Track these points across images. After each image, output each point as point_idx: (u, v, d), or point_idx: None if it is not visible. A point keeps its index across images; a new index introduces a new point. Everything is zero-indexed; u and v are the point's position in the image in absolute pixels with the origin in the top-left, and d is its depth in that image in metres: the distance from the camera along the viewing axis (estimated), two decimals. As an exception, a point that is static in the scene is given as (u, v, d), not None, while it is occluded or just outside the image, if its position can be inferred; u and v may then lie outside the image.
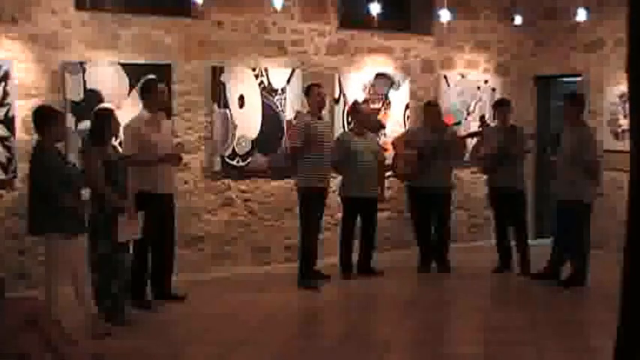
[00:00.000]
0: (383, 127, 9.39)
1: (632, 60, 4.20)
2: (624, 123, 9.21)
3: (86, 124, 7.05)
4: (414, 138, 8.70)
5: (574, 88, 9.67)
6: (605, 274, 6.62)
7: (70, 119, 7.37)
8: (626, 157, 4.21)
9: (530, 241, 8.87)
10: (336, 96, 9.08)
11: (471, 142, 9.18)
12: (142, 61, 7.85)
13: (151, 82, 7.47)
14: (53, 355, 5.08)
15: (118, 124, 6.66)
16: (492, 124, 8.98)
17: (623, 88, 8.57)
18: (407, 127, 9.36)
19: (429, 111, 8.75)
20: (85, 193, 6.41)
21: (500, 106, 8.73)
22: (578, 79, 10.05)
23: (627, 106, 4.37)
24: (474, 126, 9.94)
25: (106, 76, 7.65)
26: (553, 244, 8.22)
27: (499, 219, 8.78)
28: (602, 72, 9.70)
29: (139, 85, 7.53)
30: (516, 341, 6.28)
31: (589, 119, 8.95)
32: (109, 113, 6.60)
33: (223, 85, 8.31)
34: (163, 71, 7.91)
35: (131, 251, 6.89)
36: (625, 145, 4.54)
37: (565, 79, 10.44)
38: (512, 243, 8.74)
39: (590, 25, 9.61)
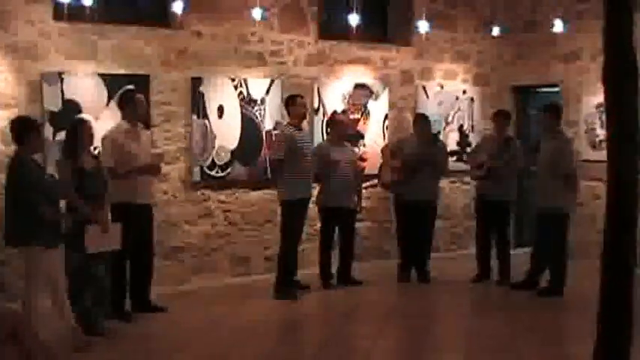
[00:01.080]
0: (361, 137, 9.47)
1: (608, 71, 4.30)
2: (601, 133, 9.34)
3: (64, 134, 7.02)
4: (401, 148, 8.74)
5: (552, 98, 9.77)
6: (583, 282, 6.69)
7: (48, 130, 7.39)
8: (604, 167, 4.31)
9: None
10: (316, 106, 9.14)
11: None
12: (120, 72, 7.88)
13: (129, 92, 7.50)
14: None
15: (90, 135, 6.60)
16: (471, 135, 9.07)
17: (600, 98, 8.65)
18: (397, 137, 9.36)
19: (418, 122, 8.80)
20: (62, 204, 6.40)
21: (498, 117, 8.79)
22: (556, 89, 10.18)
23: (604, 116, 4.47)
24: (453, 137, 10.10)
25: (85, 87, 7.67)
26: (532, 253, 8.29)
27: (483, 228, 8.83)
28: (580, 82, 9.82)
29: (118, 95, 7.57)
30: (497, 349, 6.33)
31: (567, 129, 9.05)
32: (82, 123, 6.58)
33: (202, 95, 8.35)
34: (142, 82, 7.93)
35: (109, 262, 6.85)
36: (602, 154, 4.62)
37: (543, 90, 10.58)
38: (493, 252, 8.82)
39: (568, 37, 9.73)
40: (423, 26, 9.12)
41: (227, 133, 8.53)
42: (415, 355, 6.29)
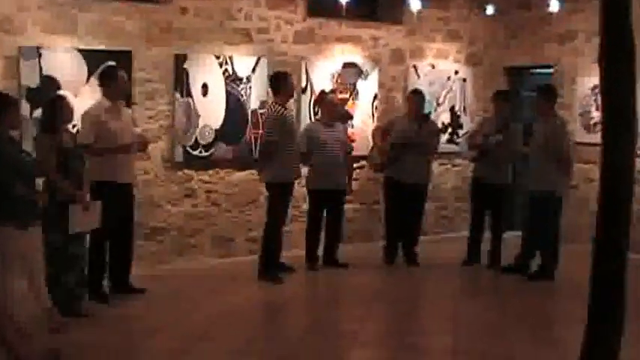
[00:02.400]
0: (350, 117, 9.39)
1: (604, 52, 4.23)
2: (596, 115, 9.33)
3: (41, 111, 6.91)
4: (392, 127, 8.68)
5: (546, 79, 9.74)
6: (575, 266, 6.68)
7: (25, 107, 7.26)
8: (597, 150, 4.26)
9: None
10: (303, 85, 9.07)
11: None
12: (101, 48, 7.76)
13: (110, 69, 7.38)
14: (8, 350, 4.99)
15: (70, 110, 6.54)
16: (463, 116, 9.03)
17: (595, 80, 8.64)
18: (387, 118, 9.27)
19: (411, 99, 8.73)
20: (39, 182, 6.29)
21: (497, 97, 8.75)
22: (551, 70, 10.12)
23: (599, 98, 4.42)
24: (444, 118, 10.06)
25: (64, 63, 7.55)
26: (523, 236, 8.30)
27: (478, 211, 8.80)
28: (575, 63, 9.79)
29: (99, 72, 7.45)
30: (486, 332, 6.33)
31: (561, 111, 8.97)
32: (60, 99, 6.55)
33: (186, 72, 8.25)
34: (124, 58, 7.82)
35: (88, 242, 6.79)
36: (597, 137, 4.57)
37: (537, 71, 10.52)
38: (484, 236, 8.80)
39: (563, 16, 9.67)
40: (414, 4, 9.05)
41: (211, 111, 8.44)
42: (403, 339, 6.25)
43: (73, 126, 6.98)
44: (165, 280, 7.86)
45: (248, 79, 8.64)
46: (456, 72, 10.30)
